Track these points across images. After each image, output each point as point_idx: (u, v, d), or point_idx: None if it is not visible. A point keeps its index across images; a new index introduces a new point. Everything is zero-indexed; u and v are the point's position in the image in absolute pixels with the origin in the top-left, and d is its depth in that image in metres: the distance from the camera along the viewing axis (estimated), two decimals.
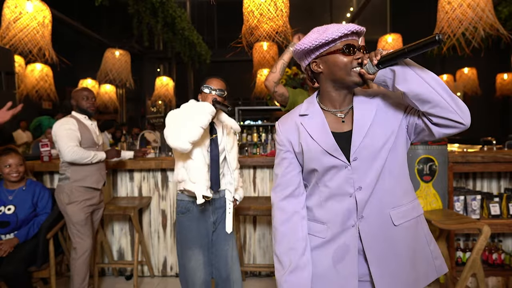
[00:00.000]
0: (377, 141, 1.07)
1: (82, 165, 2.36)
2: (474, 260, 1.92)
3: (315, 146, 1.11)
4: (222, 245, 1.98)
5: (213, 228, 1.94)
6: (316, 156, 1.11)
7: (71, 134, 2.29)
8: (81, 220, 2.36)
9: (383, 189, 1.08)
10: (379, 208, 1.08)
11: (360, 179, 1.07)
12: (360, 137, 1.06)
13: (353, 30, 1.03)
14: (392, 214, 1.08)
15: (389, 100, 1.11)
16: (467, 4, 2.68)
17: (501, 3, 4.98)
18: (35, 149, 4.03)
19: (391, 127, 1.08)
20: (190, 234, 1.88)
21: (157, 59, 9.72)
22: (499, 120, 7.57)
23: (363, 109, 1.10)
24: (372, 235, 1.08)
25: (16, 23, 2.92)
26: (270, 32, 2.91)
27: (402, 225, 1.08)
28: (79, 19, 6.78)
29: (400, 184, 1.10)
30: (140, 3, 4.69)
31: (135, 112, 10.48)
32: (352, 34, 1.05)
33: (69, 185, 2.35)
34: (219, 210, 1.97)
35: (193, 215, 1.89)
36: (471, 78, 6.29)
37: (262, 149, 4.49)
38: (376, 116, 1.09)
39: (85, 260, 2.38)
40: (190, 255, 1.87)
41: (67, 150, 2.25)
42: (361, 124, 1.08)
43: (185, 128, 1.69)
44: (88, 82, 6.34)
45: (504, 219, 2.46)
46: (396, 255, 1.08)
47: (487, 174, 2.82)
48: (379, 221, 1.08)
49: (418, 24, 6.43)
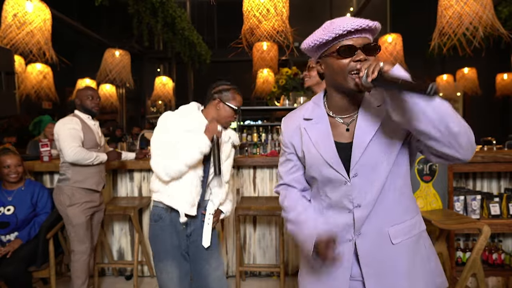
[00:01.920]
0: (377, 157, 0.99)
1: (83, 166, 2.33)
2: (474, 260, 1.91)
3: (316, 155, 1.06)
4: (201, 263, 1.76)
5: (187, 240, 1.75)
6: (317, 165, 1.07)
7: (74, 133, 2.26)
8: (82, 223, 2.34)
9: (383, 206, 1.03)
10: (378, 225, 1.03)
11: (359, 197, 1.03)
12: (359, 153, 0.99)
13: (351, 29, 0.91)
14: (391, 232, 1.03)
15: None
16: (467, 4, 2.68)
17: (501, 3, 4.98)
18: (31, 149, 4.01)
19: (395, 141, 1.00)
20: (162, 244, 1.71)
21: (157, 59, 9.70)
22: (499, 120, 7.57)
23: (366, 120, 1.01)
24: (369, 252, 1.05)
25: (16, 23, 2.91)
26: (270, 32, 2.91)
27: (401, 243, 1.03)
28: (79, 19, 6.78)
29: (402, 201, 1.05)
30: (140, 3, 4.69)
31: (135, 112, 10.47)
32: (357, 32, 0.93)
33: (69, 187, 2.32)
34: (196, 222, 1.76)
35: (165, 223, 1.72)
36: (471, 78, 6.28)
37: (262, 149, 4.48)
38: (380, 129, 0.99)
39: (84, 262, 2.36)
40: (161, 267, 1.72)
41: (70, 150, 2.21)
42: (361, 138, 1.00)
43: (172, 163, 1.60)
44: (86, 82, 6.34)
45: (504, 219, 2.46)
46: (393, 272, 1.03)
47: (487, 174, 2.82)
48: (377, 239, 1.03)
49: (418, 24, 6.42)
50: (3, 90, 2.64)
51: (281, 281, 2.64)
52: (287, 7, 2.94)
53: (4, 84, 2.65)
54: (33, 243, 2.36)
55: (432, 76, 7.15)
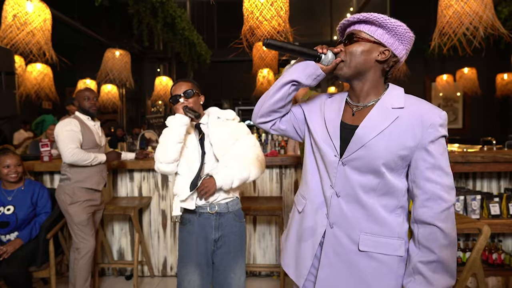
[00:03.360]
0: (375, 157, 0.98)
1: (82, 167, 2.35)
2: (474, 260, 1.91)
3: (322, 127, 1.10)
4: (226, 271, 1.69)
5: (213, 247, 1.69)
6: (321, 133, 1.10)
7: (72, 135, 2.28)
8: (83, 221, 2.36)
9: (364, 209, 1.02)
10: (352, 224, 1.03)
11: (340, 185, 1.03)
12: (356, 147, 1.01)
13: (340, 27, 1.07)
14: (362, 238, 1.01)
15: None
16: (468, 4, 2.68)
17: (501, 3, 4.98)
18: (32, 148, 4.01)
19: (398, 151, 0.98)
20: (186, 249, 1.67)
21: (157, 59, 9.70)
22: (499, 120, 7.57)
23: (375, 118, 1.00)
24: (333, 244, 1.05)
25: (16, 23, 2.91)
26: (271, 32, 2.90)
27: (368, 253, 1.01)
28: (79, 19, 6.77)
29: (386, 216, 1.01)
30: (140, 3, 4.69)
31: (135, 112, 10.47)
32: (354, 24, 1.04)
33: (70, 186, 2.35)
34: (225, 227, 1.69)
35: (193, 227, 1.67)
36: (471, 78, 6.28)
37: (262, 149, 4.49)
38: (384, 133, 0.98)
39: (88, 260, 2.39)
40: (183, 274, 1.66)
41: (67, 151, 2.24)
42: (363, 132, 1.00)
43: (160, 148, 1.60)
44: (87, 82, 6.34)
45: (504, 219, 2.46)
46: (346, 280, 1.03)
47: (487, 174, 2.82)
48: (346, 236, 1.04)
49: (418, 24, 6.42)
50: (3, 90, 2.64)
51: (281, 281, 2.64)
52: (287, 7, 2.94)
53: (4, 84, 2.65)
54: (33, 243, 2.36)
55: (432, 76, 7.15)
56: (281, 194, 2.96)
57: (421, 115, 0.96)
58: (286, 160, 2.82)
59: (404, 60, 1.05)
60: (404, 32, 0.98)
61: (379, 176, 0.99)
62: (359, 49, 1.00)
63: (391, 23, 0.97)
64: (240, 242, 1.74)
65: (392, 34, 0.99)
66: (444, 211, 0.94)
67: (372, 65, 1.01)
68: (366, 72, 1.02)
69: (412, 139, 0.96)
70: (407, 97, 1.02)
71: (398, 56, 1.01)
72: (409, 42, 1.01)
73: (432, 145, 0.95)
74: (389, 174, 0.99)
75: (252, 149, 1.72)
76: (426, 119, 0.95)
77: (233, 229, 1.71)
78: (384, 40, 0.99)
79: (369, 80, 1.03)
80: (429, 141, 0.95)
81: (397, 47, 1.00)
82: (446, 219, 0.94)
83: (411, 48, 1.03)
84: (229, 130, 1.70)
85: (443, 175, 0.95)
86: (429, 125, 0.95)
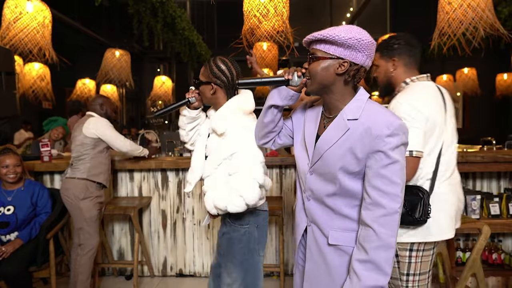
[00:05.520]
0: (330, 167, 1.09)
1: (100, 162, 2.48)
2: (474, 260, 1.91)
3: (302, 138, 1.24)
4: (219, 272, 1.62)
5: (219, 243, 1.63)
6: (300, 143, 1.25)
7: (115, 130, 2.56)
8: (94, 216, 2.43)
9: (330, 209, 1.14)
10: (323, 222, 1.15)
11: (309, 191, 1.18)
12: (316, 158, 1.14)
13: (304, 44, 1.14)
14: (331, 233, 1.13)
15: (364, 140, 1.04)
16: (467, 4, 2.68)
17: (501, 3, 4.98)
18: (34, 148, 4.02)
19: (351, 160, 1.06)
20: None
21: (157, 59, 9.71)
22: (499, 120, 7.57)
23: (331, 130, 1.11)
24: (312, 239, 1.20)
25: (16, 23, 2.91)
26: (271, 32, 2.91)
27: (336, 246, 1.13)
28: (79, 19, 6.78)
29: (348, 211, 1.11)
30: (140, 3, 4.69)
31: (135, 112, 10.48)
32: (312, 43, 1.11)
33: (82, 180, 2.40)
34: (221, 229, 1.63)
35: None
36: (471, 78, 6.28)
37: None
38: (336, 144, 1.08)
39: (91, 257, 2.42)
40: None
41: (122, 142, 2.52)
42: (320, 144, 1.13)
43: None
44: (86, 82, 6.34)
45: (504, 219, 2.46)
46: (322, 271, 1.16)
47: (487, 174, 2.82)
48: (320, 232, 1.17)
49: (418, 24, 6.42)
50: (3, 90, 2.64)
51: (281, 281, 2.64)
52: (287, 7, 2.94)
53: (4, 84, 2.65)
54: (33, 243, 2.36)
55: (432, 76, 7.16)
56: (281, 194, 2.96)
57: (370, 126, 1.02)
58: (286, 160, 2.82)
59: (370, 65, 1.09)
60: (356, 43, 1.02)
61: (337, 182, 1.09)
62: (318, 67, 1.08)
63: (341, 38, 1.02)
64: (229, 247, 1.57)
65: (345, 47, 1.03)
66: (382, 217, 1.00)
67: (333, 78, 1.08)
68: (330, 86, 1.10)
69: (360, 149, 1.03)
70: (367, 108, 1.07)
71: (360, 63, 1.05)
72: (366, 48, 1.04)
73: (380, 154, 1.01)
74: (347, 180, 1.08)
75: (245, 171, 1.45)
76: (374, 130, 1.01)
77: (226, 232, 1.60)
78: (339, 54, 1.04)
79: (334, 92, 1.11)
80: (376, 151, 1.01)
81: (355, 57, 1.04)
82: (384, 224, 1.00)
83: (373, 52, 1.07)
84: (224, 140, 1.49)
85: (388, 183, 1.00)
86: (376, 136, 1.01)
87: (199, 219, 3.03)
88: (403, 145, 1.02)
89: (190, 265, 3.05)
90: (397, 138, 1.00)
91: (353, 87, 1.12)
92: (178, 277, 3.04)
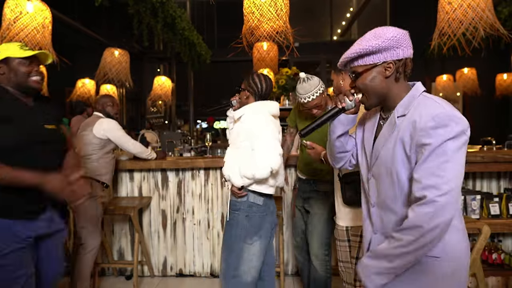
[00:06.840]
0: (388, 163, 1.08)
1: (106, 162, 2.51)
2: (474, 260, 1.92)
3: (361, 145, 1.27)
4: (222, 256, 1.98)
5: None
6: (360, 150, 1.27)
7: (125, 132, 2.63)
8: (98, 214, 2.45)
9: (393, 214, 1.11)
10: (387, 228, 1.13)
11: (374, 195, 1.17)
12: (374, 159, 1.15)
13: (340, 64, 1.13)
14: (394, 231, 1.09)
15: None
16: (467, 4, 2.68)
17: (501, 3, 4.98)
18: None
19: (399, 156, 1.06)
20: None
21: (157, 59, 9.69)
22: (499, 120, 7.56)
23: (384, 130, 1.13)
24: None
25: (17, 23, 2.91)
26: (270, 32, 2.90)
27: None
28: (79, 19, 6.77)
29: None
30: (140, 3, 4.68)
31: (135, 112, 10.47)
32: (349, 62, 1.11)
33: (87, 179, 2.37)
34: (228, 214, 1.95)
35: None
36: (471, 78, 6.27)
37: None
38: (389, 141, 1.08)
39: (92, 257, 2.43)
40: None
41: (132, 144, 2.62)
42: (376, 145, 1.15)
43: None
44: (86, 82, 6.32)
45: (504, 219, 2.46)
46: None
47: (487, 174, 2.83)
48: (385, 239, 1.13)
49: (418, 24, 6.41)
50: None
51: (281, 281, 2.64)
52: (287, 7, 2.94)
53: None
54: None
55: (432, 76, 7.16)
56: (281, 194, 2.96)
57: (415, 120, 0.99)
58: (286, 160, 2.82)
59: (412, 52, 1.06)
60: (390, 43, 1.00)
61: (395, 182, 1.06)
62: (366, 80, 1.07)
63: (374, 46, 1.01)
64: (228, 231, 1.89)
65: (382, 51, 1.02)
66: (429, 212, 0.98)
67: (385, 83, 1.07)
68: (386, 92, 1.08)
69: (409, 144, 1.01)
70: (418, 102, 1.04)
71: (402, 57, 1.03)
72: (401, 42, 1.02)
73: (425, 148, 0.96)
74: (403, 177, 1.04)
75: (266, 143, 1.77)
76: (419, 123, 0.98)
77: (229, 217, 1.91)
78: (380, 60, 1.03)
79: (391, 95, 1.09)
80: (421, 144, 0.97)
81: (395, 54, 1.02)
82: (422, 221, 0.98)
83: (409, 40, 1.05)
84: (240, 128, 1.87)
85: (434, 177, 0.94)
86: (420, 129, 0.97)
87: (199, 219, 3.03)
88: (455, 137, 0.93)
89: (190, 265, 3.05)
90: (445, 129, 0.93)
91: (406, 80, 1.10)
92: (178, 277, 3.04)
